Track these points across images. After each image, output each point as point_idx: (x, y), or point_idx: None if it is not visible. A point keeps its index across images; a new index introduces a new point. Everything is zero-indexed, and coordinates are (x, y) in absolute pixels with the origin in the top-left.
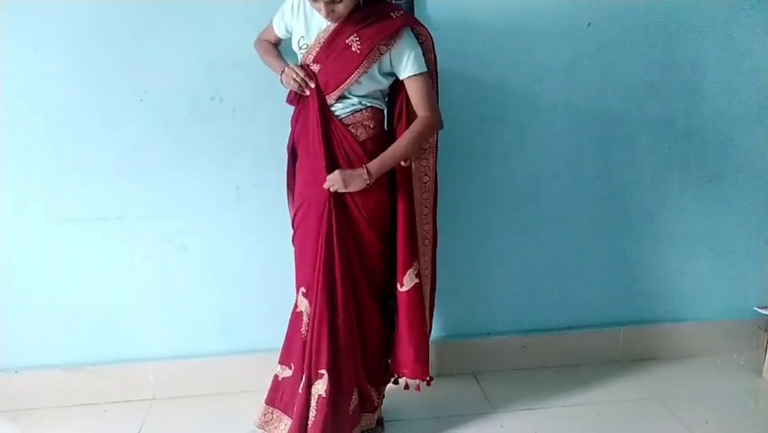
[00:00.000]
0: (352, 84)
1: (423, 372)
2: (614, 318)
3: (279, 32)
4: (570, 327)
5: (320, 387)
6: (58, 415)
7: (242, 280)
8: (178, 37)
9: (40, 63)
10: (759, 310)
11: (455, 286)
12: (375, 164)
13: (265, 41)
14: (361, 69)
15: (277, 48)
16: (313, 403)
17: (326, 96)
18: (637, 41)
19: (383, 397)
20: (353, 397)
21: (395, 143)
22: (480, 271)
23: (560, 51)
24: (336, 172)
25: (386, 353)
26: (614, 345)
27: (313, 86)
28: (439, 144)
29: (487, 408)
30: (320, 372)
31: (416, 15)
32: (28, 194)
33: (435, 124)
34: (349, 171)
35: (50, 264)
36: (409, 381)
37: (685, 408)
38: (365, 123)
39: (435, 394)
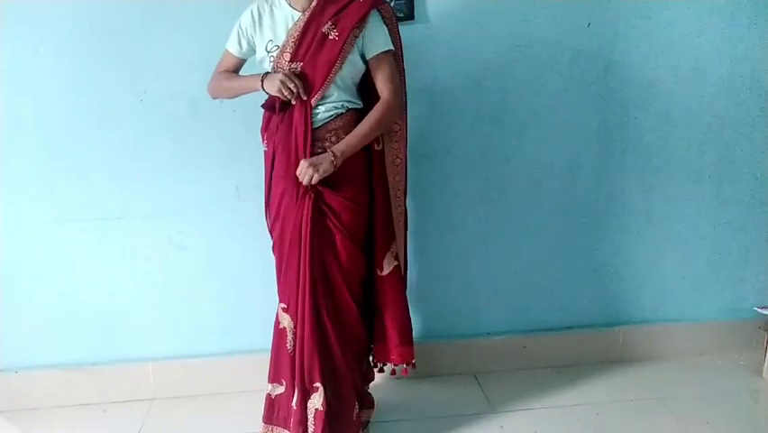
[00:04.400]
0: (338, 72)
1: (409, 354)
2: (614, 318)
3: (240, 52)
4: (570, 327)
5: (316, 401)
6: (58, 415)
7: (242, 280)
8: (178, 37)
9: (40, 63)
10: (759, 310)
11: (455, 286)
12: (341, 146)
13: (222, 72)
14: (343, 55)
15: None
16: (310, 418)
17: (314, 96)
18: (637, 42)
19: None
20: (356, 404)
21: (358, 126)
22: (480, 271)
23: (560, 51)
24: (302, 162)
25: (368, 352)
26: (614, 345)
27: (305, 98)
28: (445, 145)
29: (487, 408)
30: (315, 385)
31: (415, 15)
32: (28, 194)
33: (398, 107)
34: (314, 158)
35: (50, 264)
36: (396, 367)
37: (685, 408)
38: (347, 127)
39: (435, 394)
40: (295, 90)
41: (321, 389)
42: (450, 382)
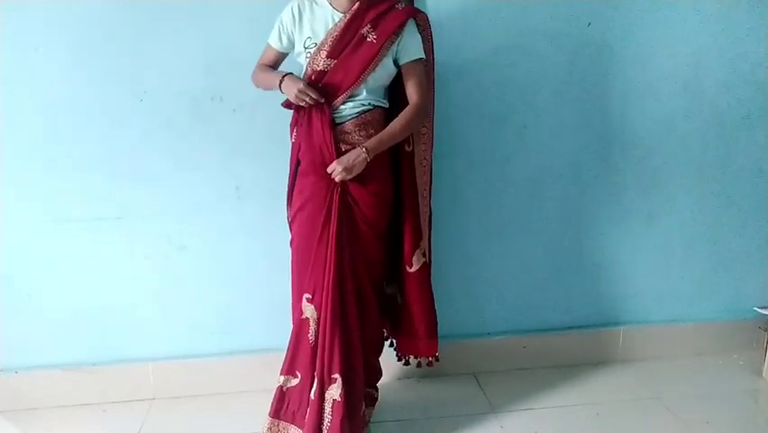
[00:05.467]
0: (370, 73)
1: (434, 348)
2: (614, 318)
3: (281, 46)
4: (570, 327)
5: (334, 392)
6: (58, 415)
7: (242, 279)
8: (178, 37)
9: (40, 63)
10: (759, 310)
11: (455, 286)
12: (373, 142)
13: (262, 65)
14: (378, 58)
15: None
16: (327, 409)
17: (343, 94)
18: (637, 41)
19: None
20: (363, 400)
21: (389, 126)
22: (480, 271)
23: (560, 51)
24: (335, 163)
25: (381, 349)
26: (614, 345)
27: (322, 100)
28: (445, 145)
29: (487, 408)
30: (333, 376)
31: None
32: (28, 194)
33: (427, 111)
34: (347, 158)
35: (50, 264)
36: (421, 359)
37: (685, 408)
38: (375, 123)
39: (435, 394)
40: (311, 102)
41: (339, 380)
42: (450, 382)
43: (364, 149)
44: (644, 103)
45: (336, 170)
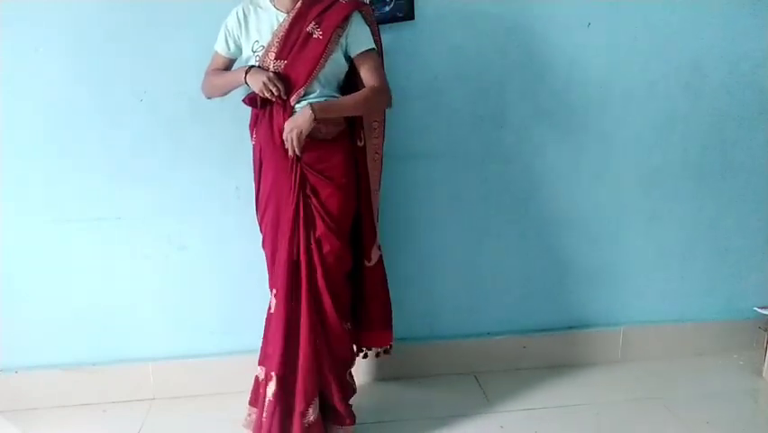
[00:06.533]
0: (321, 70)
1: (388, 338)
2: (614, 318)
3: (229, 52)
4: (570, 327)
5: (269, 390)
6: (58, 415)
7: (242, 279)
8: (178, 37)
9: (40, 63)
10: (759, 310)
11: (455, 286)
12: (320, 104)
13: (212, 71)
14: (326, 53)
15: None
16: (266, 404)
17: (296, 93)
18: (637, 41)
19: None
20: (311, 408)
21: (346, 96)
22: (480, 271)
23: (560, 51)
24: (284, 126)
25: (351, 365)
26: (614, 345)
27: (285, 98)
28: (444, 146)
29: (487, 408)
30: (270, 373)
31: (415, 15)
32: (28, 194)
33: (386, 94)
34: (293, 120)
35: (50, 264)
36: (373, 350)
37: (685, 408)
38: (331, 118)
39: (435, 394)
40: (276, 93)
41: (274, 379)
42: (450, 382)
43: (310, 108)
44: (644, 103)
45: (285, 133)
